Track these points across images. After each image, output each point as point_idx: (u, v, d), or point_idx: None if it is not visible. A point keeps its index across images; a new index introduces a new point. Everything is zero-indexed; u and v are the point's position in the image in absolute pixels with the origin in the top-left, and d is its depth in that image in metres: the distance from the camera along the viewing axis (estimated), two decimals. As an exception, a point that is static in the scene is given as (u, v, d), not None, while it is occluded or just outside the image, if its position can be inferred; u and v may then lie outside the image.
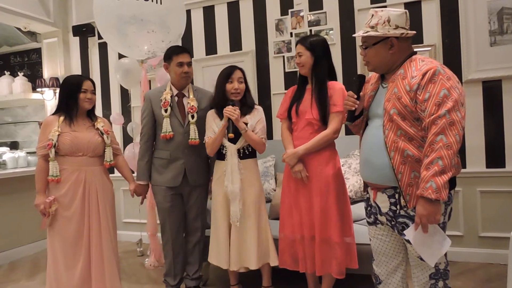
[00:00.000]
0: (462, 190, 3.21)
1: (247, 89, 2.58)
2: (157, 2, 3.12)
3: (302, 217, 2.32)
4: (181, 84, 2.71)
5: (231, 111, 2.41)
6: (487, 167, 3.17)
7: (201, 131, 2.65)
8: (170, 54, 2.68)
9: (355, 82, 1.88)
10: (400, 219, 1.73)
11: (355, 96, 1.84)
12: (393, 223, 1.78)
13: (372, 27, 1.72)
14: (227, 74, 2.54)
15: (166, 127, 2.62)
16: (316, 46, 2.31)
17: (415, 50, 1.80)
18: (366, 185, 1.93)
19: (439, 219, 1.59)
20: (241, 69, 2.58)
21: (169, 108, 2.64)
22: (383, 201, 1.78)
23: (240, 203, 2.46)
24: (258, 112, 2.56)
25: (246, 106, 2.56)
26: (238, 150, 2.50)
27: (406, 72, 1.69)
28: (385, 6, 3.29)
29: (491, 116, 3.15)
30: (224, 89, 2.53)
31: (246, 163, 2.52)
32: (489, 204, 3.16)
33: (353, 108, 1.85)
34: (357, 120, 1.92)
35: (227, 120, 2.43)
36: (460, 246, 3.22)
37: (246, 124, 2.48)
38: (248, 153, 2.54)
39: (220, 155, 2.56)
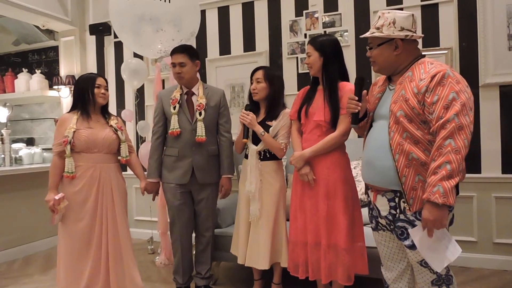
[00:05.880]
0: (477, 196, 3.16)
1: (274, 91, 2.55)
2: (165, 1, 3.13)
3: (306, 221, 2.28)
4: (179, 83, 2.74)
5: (243, 116, 2.49)
6: (503, 172, 3.11)
7: (210, 129, 2.69)
8: (170, 54, 2.74)
9: (355, 85, 1.89)
10: (400, 223, 1.72)
11: (356, 98, 1.84)
12: (391, 227, 1.78)
13: (378, 28, 1.73)
14: (250, 77, 2.61)
15: (174, 124, 2.65)
16: (326, 46, 2.26)
17: (431, 53, 1.79)
18: (367, 187, 1.92)
19: (446, 224, 1.57)
20: (264, 69, 2.60)
21: (177, 106, 2.67)
22: (383, 205, 1.77)
23: (258, 203, 2.50)
24: (285, 116, 2.53)
25: (274, 109, 2.55)
26: (259, 152, 2.54)
27: (414, 74, 1.68)
28: (401, 8, 3.26)
29: (508, 120, 3.09)
30: (250, 91, 2.62)
31: (266, 165, 2.55)
32: (505, 210, 3.10)
33: (356, 111, 1.85)
34: (362, 122, 1.91)
35: (243, 124, 2.50)
36: (474, 252, 3.16)
37: (270, 127, 2.49)
38: (269, 155, 2.56)
39: (246, 154, 2.63)
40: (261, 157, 2.55)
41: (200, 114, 2.66)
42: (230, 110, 3.86)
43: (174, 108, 2.67)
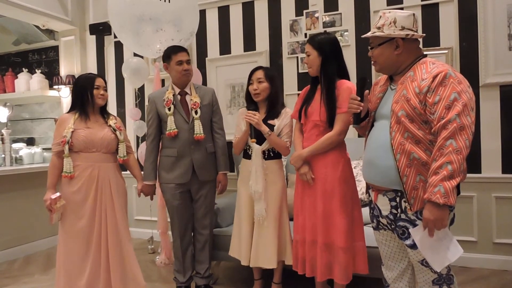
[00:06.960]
0: (477, 196, 3.16)
1: (275, 90, 2.56)
2: (165, 1, 3.13)
3: (305, 219, 2.31)
4: (182, 82, 2.75)
5: (250, 116, 2.47)
6: (503, 172, 3.11)
7: (206, 126, 2.72)
8: (169, 53, 2.74)
9: (357, 85, 1.89)
10: (401, 223, 1.72)
11: (358, 99, 1.83)
12: (393, 226, 1.78)
13: (379, 28, 1.74)
14: (249, 76, 2.60)
15: (171, 124, 2.66)
16: (324, 44, 2.25)
17: (432, 52, 1.79)
18: (368, 187, 1.92)
19: (447, 224, 1.58)
20: (263, 69, 2.60)
21: (172, 107, 2.68)
22: (384, 204, 1.78)
23: (264, 202, 2.50)
24: (287, 115, 2.55)
25: (274, 109, 2.56)
26: (263, 152, 2.54)
27: (416, 74, 1.68)
28: (402, 8, 3.26)
29: (508, 120, 3.09)
30: (249, 91, 2.59)
31: (270, 164, 2.56)
32: (505, 210, 3.10)
33: (358, 111, 1.85)
34: (363, 122, 1.92)
35: (249, 125, 2.49)
36: (474, 252, 3.16)
37: (273, 126, 2.50)
38: (273, 154, 2.56)
39: (246, 154, 2.63)
40: (265, 157, 2.55)
41: (196, 112, 2.68)
42: (230, 110, 3.92)
43: (169, 109, 2.68)
